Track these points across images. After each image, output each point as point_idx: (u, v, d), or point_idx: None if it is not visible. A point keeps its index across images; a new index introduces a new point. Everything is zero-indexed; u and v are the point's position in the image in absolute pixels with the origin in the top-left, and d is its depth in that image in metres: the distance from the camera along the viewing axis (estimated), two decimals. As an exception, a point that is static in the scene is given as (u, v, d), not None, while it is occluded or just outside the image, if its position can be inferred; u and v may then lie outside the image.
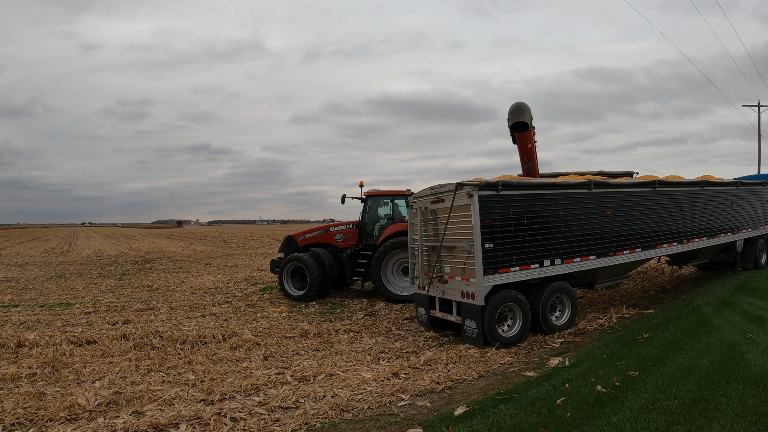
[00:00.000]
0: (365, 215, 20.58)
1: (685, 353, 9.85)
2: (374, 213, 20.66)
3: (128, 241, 75.08)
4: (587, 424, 6.91)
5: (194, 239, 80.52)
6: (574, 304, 13.23)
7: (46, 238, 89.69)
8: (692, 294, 16.75)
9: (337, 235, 20.87)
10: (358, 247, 20.29)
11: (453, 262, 12.57)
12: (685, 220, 16.60)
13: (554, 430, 6.83)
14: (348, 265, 19.85)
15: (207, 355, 11.78)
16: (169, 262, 39.00)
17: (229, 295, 20.81)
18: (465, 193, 11.91)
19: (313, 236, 21.12)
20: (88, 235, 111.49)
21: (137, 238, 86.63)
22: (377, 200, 20.62)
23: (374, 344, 12.52)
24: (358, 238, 20.59)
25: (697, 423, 6.68)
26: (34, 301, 20.18)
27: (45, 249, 56.24)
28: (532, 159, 17.19)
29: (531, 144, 16.84)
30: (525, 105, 16.01)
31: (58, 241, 79.59)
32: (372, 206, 20.62)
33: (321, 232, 21.22)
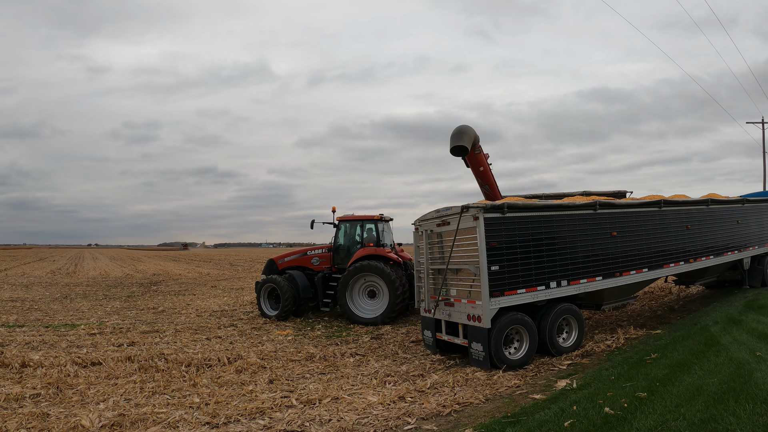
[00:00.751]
0: (337, 240, 21.45)
1: (694, 373, 9.76)
2: (345, 237, 21.41)
3: (134, 263, 75.06)
4: (595, 447, 6.85)
5: (200, 262, 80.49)
6: (581, 326, 13.16)
7: (52, 259, 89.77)
8: (700, 313, 16.65)
9: (313, 258, 21.81)
10: (331, 271, 20.98)
11: (459, 284, 12.54)
12: (691, 238, 16.52)
13: (562, 453, 6.77)
14: (320, 288, 20.61)
15: (212, 377, 11.73)
16: (175, 284, 38.94)
17: (235, 318, 20.77)
18: (470, 215, 11.90)
19: (291, 259, 22.14)
20: (94, 256, 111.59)
21: (143, 260, 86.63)
22: (348, 225, 21.45)
23: (380, 367, 12.47)
24: (332, 261, 21.42)
25: (707, 444, 6.62)
26: (39, 322, 20.16)
27: (51, 270, 56.22)
28: (488, 182, 17.86)
29: (484, 167, 17.54)
30: (465, 128, 16.45)
31: (64, 262, 79.63)
32: (343, 231, 21.45)
33: (299, 256, 22.25)
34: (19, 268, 59.61)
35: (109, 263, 75.80)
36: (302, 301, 20.78)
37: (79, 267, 63.95)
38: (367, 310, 19.40)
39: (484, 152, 17.59)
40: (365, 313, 19.33)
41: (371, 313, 19.23)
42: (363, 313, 19.32)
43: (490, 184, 18.23)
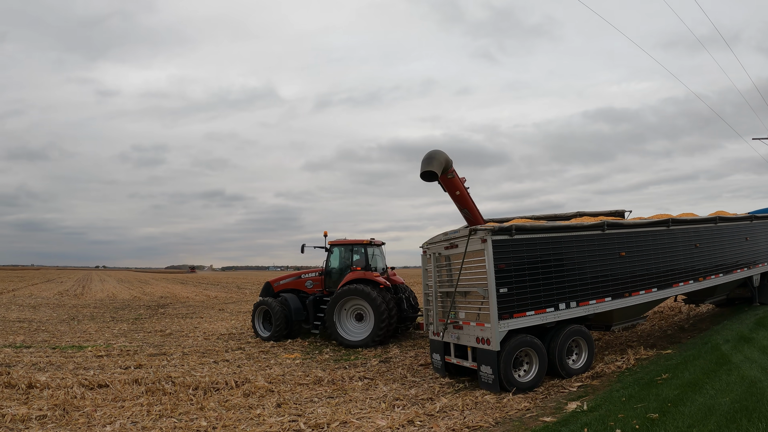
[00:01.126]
0: (329, 264, 22.05)
1: (705, 393, 9.67)
2: (336, 261, 22.05)
3: (141, 286, 75.09)
4: (607, 473, 6.77)
5: (207, 285, 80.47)
6: (590, 347, 13.07)
7: (60, 280, 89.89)
8: (710, 332, 16.53)
9: (307, 281, 22.46)
10: (323, 294, 21.69)
11: (467, 307, 12.50)
12: (700, 257, 16.44)
13: (574, 478, 6.69)
14: (311, 310, 21.17)
15: (220, 401, 11.68)
16: (183, 307, 38.91)
17: (243, 341, 20.71)
18: (478, 238, 11.89)
19: (286, 282, 22.83)
20: (101, 278, 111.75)
21: (150, 283, 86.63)
22: (339, 249, 22.09)
23: (389, 391, 12.38)
24: (323, 284, 21.98)
25: (720, 465, 6.54)
26: (46, 343, 20.16)
27: (58, 291, 56.29)
28: (467, 206, 17.37)
29: (460, 191, 17.01)
30: (435, 153, 15.98)
31: (72, 283, 79.73)
32: (334, 255, 22.12)
33: (293, 279, 22.94)
34: (27, 289, 59.67)
35: (117, 285, 75.86)
36: (294, 323, 21.34)
37: (86, 289, 64.01)
38: (355, 333, 19.72)
39: (459, 176, 17.12)
40: (352, 336, 19.62)
41: (358, 336, 19.53)
42: (350, 336, 19.62)
43: (469, 208, 17.72)
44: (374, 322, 19.15)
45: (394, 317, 19.62)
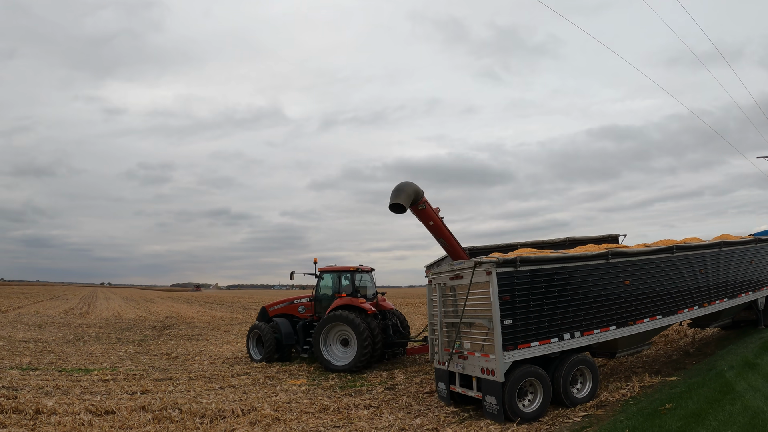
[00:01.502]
0: (319, 290, 22.74)
1: (708, 424, 9.68)
2: (325, 288, 22.64)
3: (147, 305, 75.09)
4: None
5: (213, 304, 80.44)
6: (595, 376, 13.10)
7: (65, 298, 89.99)
8: (715, 357, 16.52)
9: (299, 307, 23.11)
10: (313, 319, 22.30)
11: (472, 337, 12.56)
12: (705, 282, 16.47)
13: None
14: (300, 335, 21.97)
15: (226, 430, 11.73)
16: (188, 328, 39.00)
17: (248, 366, 20.76)
18: (483, 270, 11.96)
19: (280, 307, 23.59)
20: (107, 296, 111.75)
21: (156, 302, 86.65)
22: (329, 276, 22.65)
23: (394, 420, 12.39)
24: (314, 310, 22.57)
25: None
26: (52, 365, 20.23)
27: (64, 309, 56.38)
28: (443, 236, 18.03)
29: (433, 221, 17.56)
30: (404, 185, 16.60)
31: (77, 301, 79.80)
32: (324, 281, 22.75)
33: (287, 304, 23.60)
34: (33, 306, 59.77)
35: (122, 304, 75.92)
36: (286, 347, 22.15)
37: (92, 307, 64.09)
38: (340, 358, 20.17)
39: (433, 206, 17.76)
40: (338, 361, 20.08)
41: (343, 361, 19.96)
42: (336, 361, 20.08)
43: (445, 237, 18.37)
44: (357, 348, 19.53)
45: (379, 343, 20.08)
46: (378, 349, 20.12)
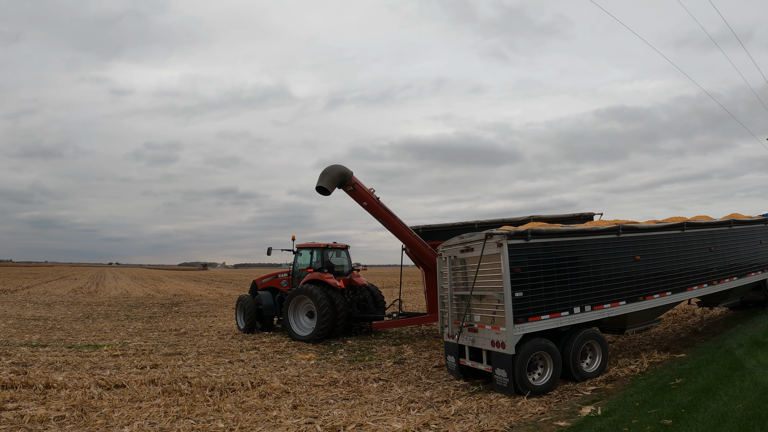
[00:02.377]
0: (296, 265, 24.20)
1: (719, 399, 9.67)
2: (302, 263, 23.95)
3: (155, 283, 75.37)
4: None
5: (220, 282, 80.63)
6: (604, 351, 13.09)
7: (74, 278, 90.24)
8: (724, 335, 16.48)
9: (282, 281, 24.74)
10: None
11: (483, 310, 12.53)
12: (714, 260, 16.42)
13: (589, 486, 6.73)
14: (277, 307, 23.78)
15: (236, 402, 11.74)
16: (196, 305, 39.12)
17: (257, 341, 20.83)
18: (494, 242, 11.92)
19: (267, 281, 25.34)
20: (115, 275, 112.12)
21: (164, 280, 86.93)
22: (305, 252, 24.05)
23: (404, 393, 12.42)
24: (291, 284, 24.10)
25: (734, 475, 6.57)
26: (62, 342, 20.29)
27: (72, 288, 56.57)
28: (381, 216, 19.75)
29: (367, 202, 19.28)
30: (330, 169, 18.51)
31: (86, 280, 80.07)
32: (301, 257, 24.16)
33: (272, 278, 25.33)
34: (41, 286, 59.98)
35: (131, 283, 76.20)
36: (266, 318, 23.89)
37: (100, 286, 64.33)
38: (305, 329, 21.42)
39: (367, 188, 19.33)
40: (303, 331, 21.36)
41: (308, 332, 21.15)
42: (301, 331, 21.37)
43: (384, 218, 19.72)
44: (317, 320, 20.65)
45: (342, 316, 21.24)
46: (340, 322, 21.22)
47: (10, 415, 10.42)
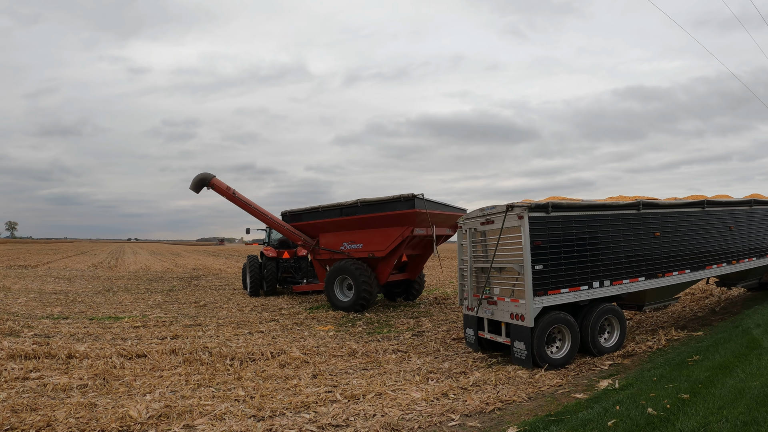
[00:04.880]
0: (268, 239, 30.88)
1: (736, 376, 9.73)
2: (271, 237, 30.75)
3: (174, 258, 75.78)
4: (639, 447, 6.88)
5: (239, 257, 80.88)
6: (623, 326, 13.13)
7: (93, 253, 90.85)
8: (741, 315, 16.50)
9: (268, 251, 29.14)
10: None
11: (502, 283, 12.57)
12: (734, 240, 16.38)
13: (607, 452, 6.80)
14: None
15: (256, 371, 11.88)
16: (215, 279, 39.40)
17: (276, 313, 21.00)
18: (515, 214, 11.94)
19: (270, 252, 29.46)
20: (134, 250, 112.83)
21: (182, 255, 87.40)
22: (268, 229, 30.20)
23: (422, 364, 12.50)
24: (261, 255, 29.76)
25: (751, 446, 6.63)
26: (83, 314, 20.50)
27: (92, 263, 56.96)
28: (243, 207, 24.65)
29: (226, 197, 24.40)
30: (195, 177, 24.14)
31: (105, 255, 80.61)
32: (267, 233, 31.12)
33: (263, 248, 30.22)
34: (61, 261, 60.43)
35: (149, 257, 76.68)
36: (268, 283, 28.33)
37: (119, 261, 64.76)
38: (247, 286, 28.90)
39: (225, 186, 24.19)
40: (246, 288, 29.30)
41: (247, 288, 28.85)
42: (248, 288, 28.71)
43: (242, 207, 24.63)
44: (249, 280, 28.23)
45: (269, 278, 27.67)
46: (268, 282, 27.64)
47: (34, 384, 10.58)
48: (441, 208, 21.81)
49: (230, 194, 24.11)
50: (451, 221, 22.11)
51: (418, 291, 25.33)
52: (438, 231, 21.71)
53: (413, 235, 20.69)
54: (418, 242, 21.95)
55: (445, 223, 22.12)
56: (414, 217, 20.25)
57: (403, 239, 20.73)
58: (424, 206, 20.35)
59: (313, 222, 23.80)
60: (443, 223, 21.99)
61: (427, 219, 20.59)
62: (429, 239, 21.82)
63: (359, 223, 22.05)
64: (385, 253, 21.29)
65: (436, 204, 21.58)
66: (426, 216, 20.46)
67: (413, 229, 20.52)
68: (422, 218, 20.45)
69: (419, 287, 25.29)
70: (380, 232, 21.46)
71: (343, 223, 22.64)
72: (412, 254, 22.79)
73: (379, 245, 21.49)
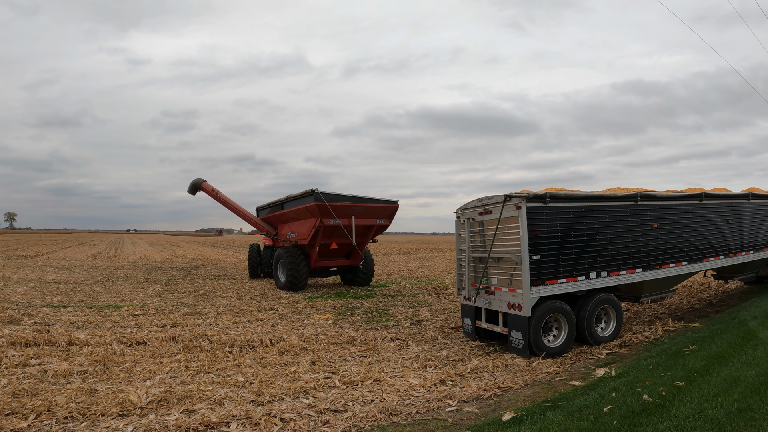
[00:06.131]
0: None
1: (731, 365, 9.80)
2: None
3: (173, 248, 75.88)
4: (634, 431, 6.96)
5: (238, 248, 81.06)
6: (619, 316, 13.21)
7: (93, 243, 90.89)
8: (738, 308, 16.55)
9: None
10: None
11: (500, 273, 12.64)
12: (731, 233, 16.44)
13: (602, 437, 6.88)
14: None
15: (255, 358, 11.99)
16: (215, 269, 39.47)
17: (275, 302, 21.05)
18: (513, 204, 12.00)
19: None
20: (133, 241, 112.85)
21: (182, 246, 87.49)
22: None
23: (420, 352, 12.59)
24: None
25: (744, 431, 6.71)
26: (83, 303, 20.55)
27: (92, 253, 57.01)
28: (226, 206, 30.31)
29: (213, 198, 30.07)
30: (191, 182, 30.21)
31: (104, 246, 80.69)
32: None
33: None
34: (61, 251, 60.44)
35: (149, 248, 76.73)
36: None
37: (119, 251, 64.80)
38: None
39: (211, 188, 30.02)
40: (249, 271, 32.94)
41: None
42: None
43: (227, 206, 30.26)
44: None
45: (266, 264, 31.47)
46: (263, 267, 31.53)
47: (34, 370, 10.67)
48: (354, 201, 24.17)
49: (214, 195, 29.97)
50: (379, 213, 25.11)
51: (367, 275, 27.35)
52: (360, 221, 24.51)
53: (325, 224, 23.42)
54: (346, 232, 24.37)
55: (371, 214, 24.86)
56: (317, 210, 23.09)
57: (316, 228, 23.53)
58: (322, 199, 23.03)
59: (270, 215, 29.08)
60: (366, 214, 24.65)
61: (329, 211, 23.13)
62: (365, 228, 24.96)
63: (293, 216, 26.02)
64: (307, 241, 24.43)
65: (346, 197, 23.98)
66: (326, 208, 23.04)
67: (320, 219, 23.23)
68: (325, 210, 23.10)
69: (366, 272, 27.27)
70: (303, 224, 25.10)
71: (285, 215, 26.92)
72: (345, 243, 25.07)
73: (303, 234, 24.94)
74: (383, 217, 25.38)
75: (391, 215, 25.77)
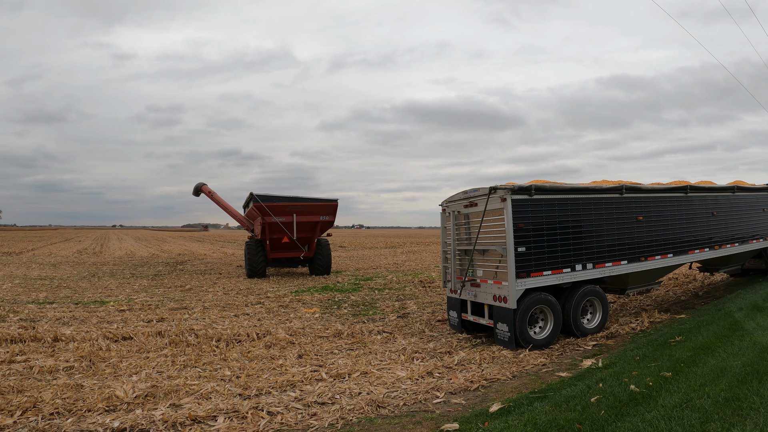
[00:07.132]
0: None
1: (718, 355, 9.87)
2: None
3: (159, 244, 75.76)
4: (621, 421, 6.99)
5: (224, 242, 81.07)
6: (605, 308, 13.25)
7: (78, 240, 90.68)
8: (724, 300, 16.65)
9: None
10: None
11: (485, 265, 12.65)
12: (716, 225, 16.52)
13: (589, 426, 6.90)
14: None
15: (242, 352, 11.97)
16: (201, 264, 39.36)
17: (262, 296, 21.02)
18: (498, 197, 12.00)
19: None
20: (119, 237, 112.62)
21: (168, 241, 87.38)
22: None
23: (407, 345, 12.60)
24: None
25: (731, 420, 6.74)
26: (68, 299, 20.45)
27: (77, 250, 56.90)
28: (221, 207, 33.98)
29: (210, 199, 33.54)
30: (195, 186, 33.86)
31: (90, 242, 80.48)
32: None
33: None
34: (46, 248, 60.29)
35: (135, 244, 76.60)
36: None
37: (104, 247, 64.67)
38: None
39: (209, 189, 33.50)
40: None
41: None
42: None
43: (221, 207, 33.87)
44: None
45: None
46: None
47: (20, 367, 10.62)
48: (292, 201, 27.54)
49: (210, 196, 33.77)
50: (320, 210, 28.23)
51: (323, 264, 30.26)
52: (302, 218, 27.67)
53: (269, 222, 27.06)
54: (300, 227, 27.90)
55: (312, 212, 27.98)
56: (258, 210, 27.15)
57: (262, 225, 27.50)
58: (259, 201, 26.75)
59: (247, 212, 32.10)
60: (307, 212, 27.81)
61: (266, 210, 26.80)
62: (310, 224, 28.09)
63: (253, 215, 29.93)
64: (260, 236, 28.89)
65: (285, 198, 27.51)
66: (263, 208, 26.74)
67: (262, 218, 27.09)
68: (263, 210, 26.81)
69: (322, 262, 30.18)
70: (257, 222, 29.60)
71: (249, 214, 31.47)
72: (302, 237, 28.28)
73: (257, 231, 29.73)
74: (326, 214, 28.46)
75: (333, 211, 28.70)
